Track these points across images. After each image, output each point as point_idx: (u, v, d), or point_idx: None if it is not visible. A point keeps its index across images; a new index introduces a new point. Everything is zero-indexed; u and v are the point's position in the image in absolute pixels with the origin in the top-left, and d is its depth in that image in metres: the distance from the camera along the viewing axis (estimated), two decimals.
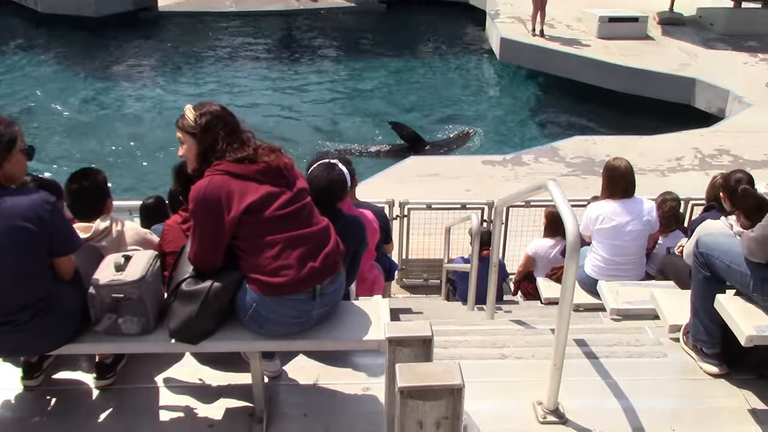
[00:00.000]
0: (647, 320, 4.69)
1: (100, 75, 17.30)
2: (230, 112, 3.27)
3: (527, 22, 16.89)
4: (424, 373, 1.95)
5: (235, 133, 3.18)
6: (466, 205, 7.82)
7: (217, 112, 3.20)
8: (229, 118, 3.23)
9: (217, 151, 3.12)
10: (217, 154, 3.12)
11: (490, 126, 14.82)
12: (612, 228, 5.47)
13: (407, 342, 2.14)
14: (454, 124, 14.76)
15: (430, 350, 2.16)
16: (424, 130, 14.45)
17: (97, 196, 3.85)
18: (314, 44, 19.77)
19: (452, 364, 1.99)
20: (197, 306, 3.06)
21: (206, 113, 3.18)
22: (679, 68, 14.81)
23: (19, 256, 2.90)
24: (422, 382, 1.95)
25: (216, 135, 3.13)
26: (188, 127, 3.19)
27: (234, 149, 3.12)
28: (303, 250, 3.08)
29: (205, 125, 3.14)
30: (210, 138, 3.14)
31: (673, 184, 9.73)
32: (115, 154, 13.38)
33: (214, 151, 3.13)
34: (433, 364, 1.98)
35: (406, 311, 6.06)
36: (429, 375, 1.95)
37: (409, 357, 2.14)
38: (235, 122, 3.24)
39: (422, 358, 2.12)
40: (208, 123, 3.14)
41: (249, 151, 3.12)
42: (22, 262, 2.92)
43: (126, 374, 3.74)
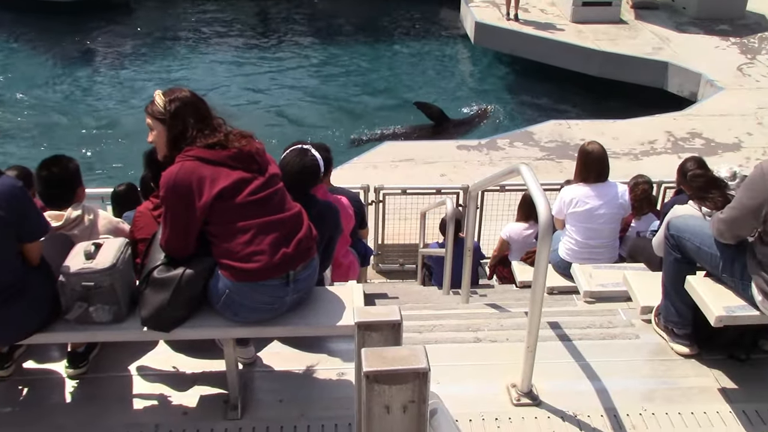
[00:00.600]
0: (620, 302, 4.74)
1: (71, 61, 17.05)
2: (201, 98, 3.24)
3: (501, 6, 16.86)
4: (390, 357, 1.95)
5: (205, 120, 3.15)
6: (441, 190, 7.82)
7: (186, 98, 3.17)
8: (200, 104, 3.20)
9: (188, 138, 3.09)
10: (188, 140, 3.09)
11: (464, 110, 14.81)
12: (585, 212, 5.51)
13: (376, 326, 2.14)
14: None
15: (400, 334, 2.16)
16: (398, 115, 14.43)
17: (69, 183, 3.79)
18: (289, 28, 19.61)
19: (418, 348, 1.99)
20: (169, 293, 3.04)
21: (176, 99, 3.14)
22: (652, 52, 14.89)
23: None
24: (388, 366, 1.95)
25: (186, 121, 3.11)
26: (157, 113, 3.15)
27: (205, 135, 3.10)
28: (275, 235, 3.07)
29: (174, 111, 3.11)
30: (180, 124, 3.11)
31: (646, 168, 9.82)
32: (87, 141, 13.21)
33: (184, 137, 3.10)
34: (399, 348, 1.98)
35: (381, 296, 6.06)
36: (395, 359, 1.95)
37: (379, 341, 2.14)
38: (206, 108, 3.21)
39: (391, 343, 2.12)
40: (177, 109, 3.11)
41: (220, 137, 3.10)
42: None
43: (99, 363, 3.71)
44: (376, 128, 13.81)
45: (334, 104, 15.05)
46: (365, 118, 14.41)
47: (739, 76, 14.00)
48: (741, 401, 3.53)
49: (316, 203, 3.79)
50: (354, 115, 14.53)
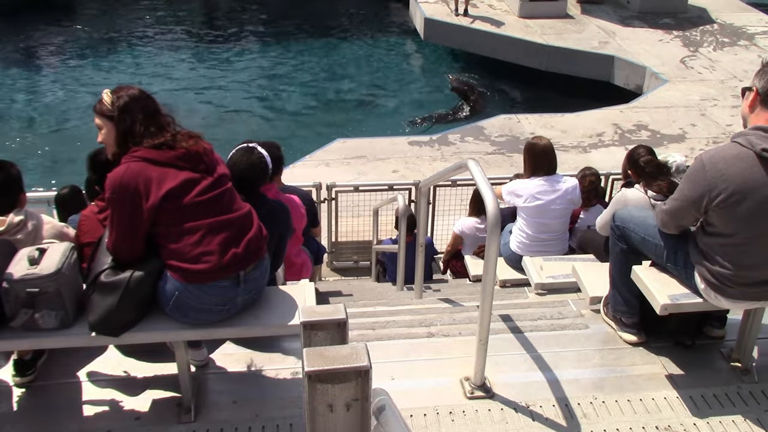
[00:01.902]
0: (570, 293, 4.82)
1: (10, 61, 16.63)
2: (149, 95, 3.20)
3: (450, 2, 16.98)
4: (332, 357, 1.95)
5: (154, 117, 3.11)
6: (394, 186, 7.85)
7: (134, 95, 3.13)
8: (148, 101, 3.16)
9: (136, 135, 3.05)
10: (136, 138, 3.05)
11: (415, 107, 14.87)
12: (536, 207, 5.57)
13: (321, 326, 2.14)
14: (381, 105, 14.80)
15: (345, 333, 2.17)
16: (348, 110, 14.44)
17: (11, 189, 3.69)
18: (236, 27, 19.43)
19: (359, 345, 2.00)
20: (117, 297, 2.99)
21: (123, 96, 3.10)
22: (598, 46, 15.16)
23: None
24: (329, 366, 1.96)
25: (134, 118, 3.06)
26: (106, 110, 3.11)
27: (152, 134, 3.06)
28: (224, 235, 3.05)
29: (122, 107, 3.07)
30: (128, 120, 3.06)
31: (594, 160, 10.03)
32: (28, 145, 12.91)
33: (132, 135, 3.06)
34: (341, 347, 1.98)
35: (336, 294, 6.06)
36: (336, 358, 1.96)
37: (324, 340, 2.15)
38: (155, 105, 3.17)
39: (337, 341, 2.13)
40: (125, 105, 3.07)
41: (167, 137, 3.06)
42: None
43: (47, 370, 3.63)
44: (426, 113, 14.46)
45: (283, 103, 14.98)
46: (316, 117, 14.37)
47: (682, 68, 14.33)
48: (688, 387, 3.61)
49: (266, 202, 3.77)
50: (302, 114, 14.47)
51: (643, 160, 4.89)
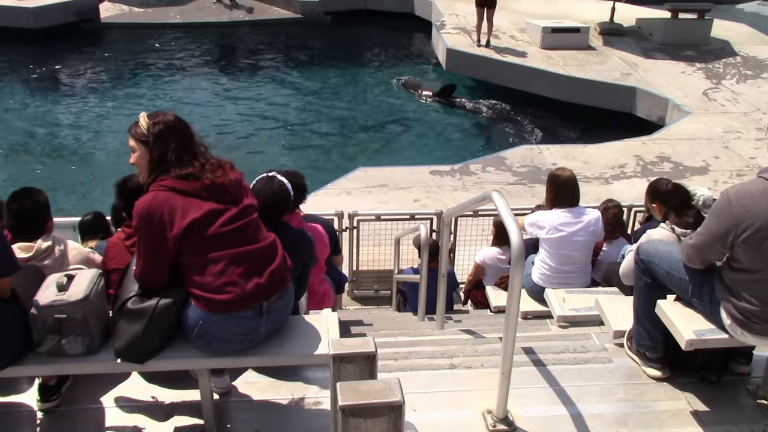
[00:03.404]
0: (593, 326, 4.78)
1: (39, 89, 16.92)
2: (185, 123, 3.24)
3: (472, 33, 17.11)
4: (365, 391, 1.96)
5: (187, 146, 3.15)
6: (415, 216, 7.86)
7: (170, 122, 3.17)
8: (183, 129, 3.20)
9: (167, 162, 3.09)
10: (166, 166, 3.09)
11: (437, 136, 14.93)
12: (558, 238, 5.55)
13: (351, 358, 2.15)
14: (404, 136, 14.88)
15: (374, 366, 2.17)
16: (372, 140, 14.53)
17: (39, 216, 3.77)
18: (259, 56, 19.67)
19: (392, 381, 2.01)
20: (143, 324, 3.02)
21: (160, 122, 3.15)
22: (620, 77, 15.16)
23: None
24: (363, 400, 1.97)
25: (167, 146, 3.11)
26: (140, 135, 3.15)
27: (182, 162, 3.10)
28: (248, 266, 3.07)
29: (156, 134, 3.11)
30: (161, 147, 3.10)
31: (616, 191, 9.99)
32: (55, 170, 13.07)
33: (163, 162, 3.10)
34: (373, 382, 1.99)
35: (356, 323, 6.06)
36: (369, 392, 1.96)
37: (354, 373, 2.15)
38: (189, 134, 3.22)
39: (366, 374, 2.13)
40: (160, 132, 3.12)
41: (195, 167, 3.10)
42: None
43: (71, 395, 3.66)
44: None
45: (306, 132, 15.08)
46: (339, 145, 14.45)
47: (705, 100, 14.29)
48: (713, 423, 3.57)
49: (289, 231, 3.79)
50: (326, 143, 14.56)
51: (669, 190, 4.84)
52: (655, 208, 4.95)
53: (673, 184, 4.90)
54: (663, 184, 5.00)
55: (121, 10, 21.53)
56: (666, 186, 4.94)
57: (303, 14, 21.71)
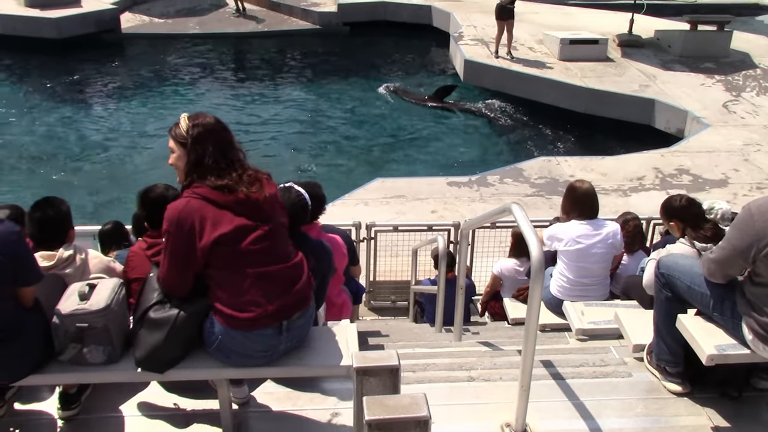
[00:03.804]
0: (612, 340, 4.75)
1: (61, 98, 17.11)
2: (225, 127, 3.21)
3: (490, 44, 17.13)
4: (392, 406, 1.96)
5: (225, 150, 3.11)
6: (433, 227, 7.85)
7: (210, 125, 3.15)
8: (223, 132, 3.17)
9: (204, 166, 3.06)
10: (204, 170, 3.07)
11: (453, 147, 14.94)
12: (577, 250, 5.53)
13: (374, 372, 2.15)
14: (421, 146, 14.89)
15: (398, 379, 2.17)
16: (389, 151, 14.56)
17: (61, 225, 3.81)
18: (278, 66, 19.78)
19: (419, 396, 2.01)
20: (164, 334, 3.04)
21: (199, 125, 3.13)
22: (639, 89, 15.11)
23: None
24: (389, 415, 1.97)
25: (205, 149, 3.08)
26: (180, 136, 3.14)
27: (220, 170, 3.06)
28: (273, 286, 3.06)
29: (195, 137, 3.10)
30: (199, 150, 3.08)
31: (635, 204, 9.93)
32: (75, 179, 13.19)
33: (201, 165, 3.07)
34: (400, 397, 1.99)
35: (374, 334, 6.05)
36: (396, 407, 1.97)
37: (377, 386, 2.15)
38: (229, 138, 3.18)
39: (390, 388, 2.14)
40: (199, 135, 3.10)
41: (232, 178, 3.06)
42: None
43: (91, 403, 3.68)
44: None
45: (324, 142, 15.13)
46: (356, 156, 14.49)
47: (724, 113, 14.20)
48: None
49: (308, 242, 3.80)
50: (345, 153, 14.60)
51: (684, 205, 4.78)
52: (673, 226, 4.87)
53: (686, 199, 4.84)
54: (676, 200, 4.93)
55: (141, 20, 21.74)
56: (679, 202, 4.87)
57: (321, 25, 21.81)
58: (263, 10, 22.94)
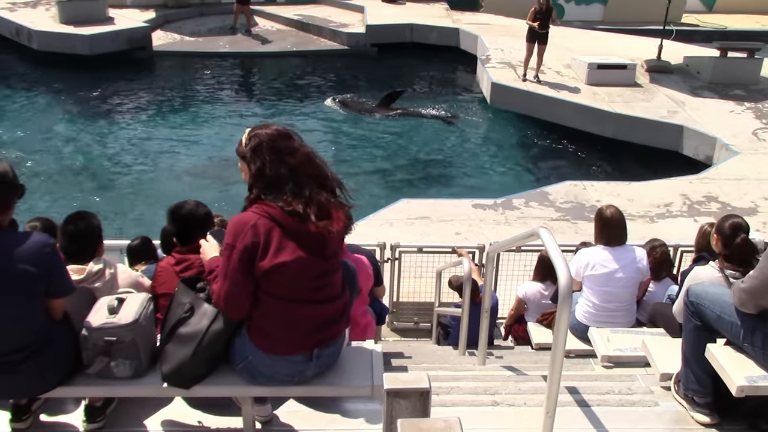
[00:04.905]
0: (638, 368, 4.70)
1: (93, 113, 17.32)
2: (286, 134, 3.11)
3: (517, 67, 17.13)
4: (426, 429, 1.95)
5: (286, 161, 3.00)
6: (457, 249, 7.83)
7: (266, 134, 3.05)
8: (284, 142, 3.06)
9: (266, 177, 2.98)
10: (267, 181, 2.98)
11: (480, 169, 14.93)
12: (603, 275, 5.50)
13: (405, 394, 2.14)
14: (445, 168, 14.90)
15: (428, 402, 2.16)
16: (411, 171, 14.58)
17: (91, 239, 3.85)
18: (306, 86, 19.90)
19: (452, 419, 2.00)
20: (191, 349, 3.05)
21: (255, 135, 3.06)
22: (667, 115, 15.01)
23: (18, 298, 2.91)
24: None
25: (263, 159, 3.00)
26: (240, 150, 3.09)
27: (291, 193, 2.96)
28: (315, 324, 3.05)
29: (254, 147, 3.03)
30: (258, 162, 3.00)
31: (662, 231, 9.84)
32: (105, 193, 13.34)
33: (263, 176, 2.99)
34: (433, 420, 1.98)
35: (396, 355, 6.03)
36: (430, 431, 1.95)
37: (407, 409, 2.14)
38: (289, 145, 3.07)
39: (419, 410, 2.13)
40: (257, 146, 3.03)
41: (301, 205, 2.96)
42: (21, 304, 2.93)
43: (116, 417, 3.70)
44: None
45: (349, 162, 15.17)
46: (381, 176, 14.51)
47: (754, 140, 14.06)
48: None
49: None
50: (369, 173, 14.63)
51: (742, 238, 4.46)
52: (715, 237, 4.58)
53: (744, 236, 4.53)
54: (735, 232, 4.55)
55: (172, 38, 22.02)
56: (737, 235, 4.54)
57: (349, 46, 21.95)
58: (293, 30, 23.16)
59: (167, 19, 23.23)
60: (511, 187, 13.54)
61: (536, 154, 15.68)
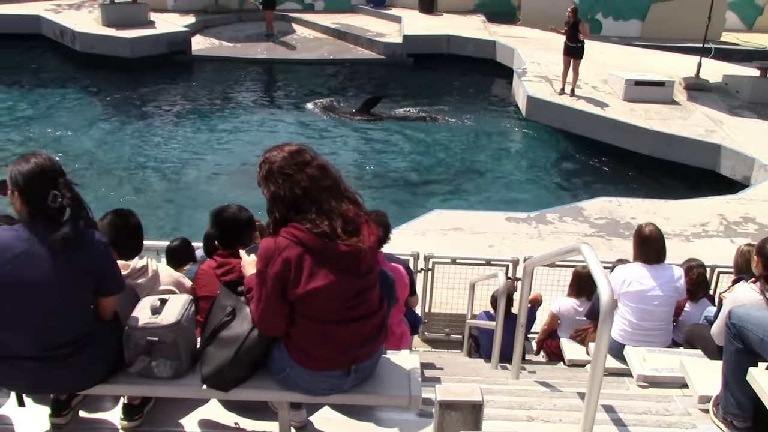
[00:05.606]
0: (674, 389, 4.64)
1: (132, 115, 17.59)
2: (296, 151, 3.04)
3: (554, 81, 17.06)
4: None
5: (294, 178, 2.94)
6: (491, 262, 7.82)
7: (275, 158, 3.01)
8: (291, 161, 2.98)
9: (282, 199, 2.95)
10: (285, 202, 2.95)
11: (513, 182, 14.87)
12: (639, 292, 5.46)
13: (457, 406, 2.14)
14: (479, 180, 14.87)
15: (480, 416, 2.16)
16: (445, 182, 14.56)
17: (134, 235, 3.91)
18: (341, 95, 19.99)
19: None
20: (232, 353, 3.08)
21: (265, 161, 3.04)
22: (705, 134, 14.84)
23: (71, 293, 2.96)
24: None
25: (276, 183, 2.98)
26: (257, 180, 3.08)
27: (314, 212, 2.93)
28: (351, 341, 3.05)
29: (264, 175, 3.04)
30: (272, 186, 2.99)
31: (698, 250, 9.71)
32: (143, 194, 13.51)
33: (278, 197, 2.96)
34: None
35: (428, 366, 6.02)
36: None
37: (458, 421, 2.14)
38: (300, 161, 2.99)
39: (471, 424, 2.12)
40: (267, 173, 3.02)
41: (327, 221, 2.92)
42: (73, 299, 2.97)
43: (153, 416, 3.73)
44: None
45: (384, 172, 15.20)
46: (413, 186, 14.52)
47: None
48: None
49: None
50: (400, 183, 14.64)
51: None
52: (756, 259, 4.54)
53: None
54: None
55: (211, 43, 22.29)
56: None
57: (386, 55, 22.03)
58: (330, 39, 23.32)
59: (207, 24, 23.55)
60: (545, 201, 13.48)
61: (570, 169, 15.58)
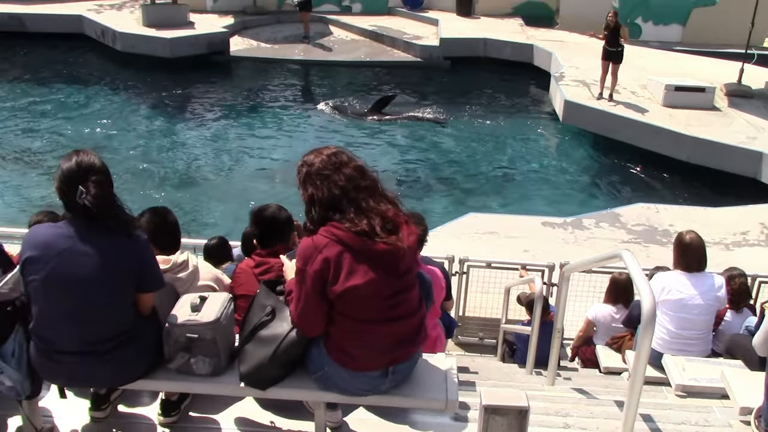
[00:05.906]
0: (714, 399, 4.56)
1: (172, 115, 17.78)
2: (334, 153, 3.07)
3: (591, 86, 16.89)
4: None
5: (332, 179, 2.99)
6: (527, 266, 7.75)
7: (313, 161, 3.06)
8: (328, 163, 3.02)
9: (321, 200, 2.99)
10: (324, 204, 2.99)
11: (549, 186, 14.75)
12: (678, 300, 5.38)
13: (503, 411, 2.13)
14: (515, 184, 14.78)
15: (526, 421, 2.14)
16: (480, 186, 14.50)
17: (173, 230, 3.96)
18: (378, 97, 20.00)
19: None
20: (270, 352, 3.09)
21: (303, 164, 3.10)
22: (746, 141, 14.57)
23: (114, 289, 3.00)
24: None
25: (314, 185, 3.01)
26: (296, 179, 3.13)
27: (353, 211, 2.95)
28: (393, 340, 3.06)
29: (302, 179, 3.08)
30: (310, 188, 3.03)
31: (738, 259, 9.55)
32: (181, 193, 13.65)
33: (316, 200, 3.00)
34: None
35: (462, 370, 5.98)
36: None
37: (502, 426, 2.13)
38: (337, 162, 3.03)
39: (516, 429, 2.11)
40: (305, 176, 3.07)
41: (366, 220, 2.95)
42: (115, 295, 3.02)
43: (189, 413, 3.77)
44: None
45: (418, 175, 15.17)
46: (449, 189, 14.47)
47: None
48: None
49: None
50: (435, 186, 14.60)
51: None
52: None
53: None
54: None
55: (249, 44, 22.46)
56: None
57: (422, 58, 22.00)
58: (366, 41, 23.35)
59: (245, 25, 23.72)
60: (581, 206, 13.36)
61: (607, 174, 15.40)
